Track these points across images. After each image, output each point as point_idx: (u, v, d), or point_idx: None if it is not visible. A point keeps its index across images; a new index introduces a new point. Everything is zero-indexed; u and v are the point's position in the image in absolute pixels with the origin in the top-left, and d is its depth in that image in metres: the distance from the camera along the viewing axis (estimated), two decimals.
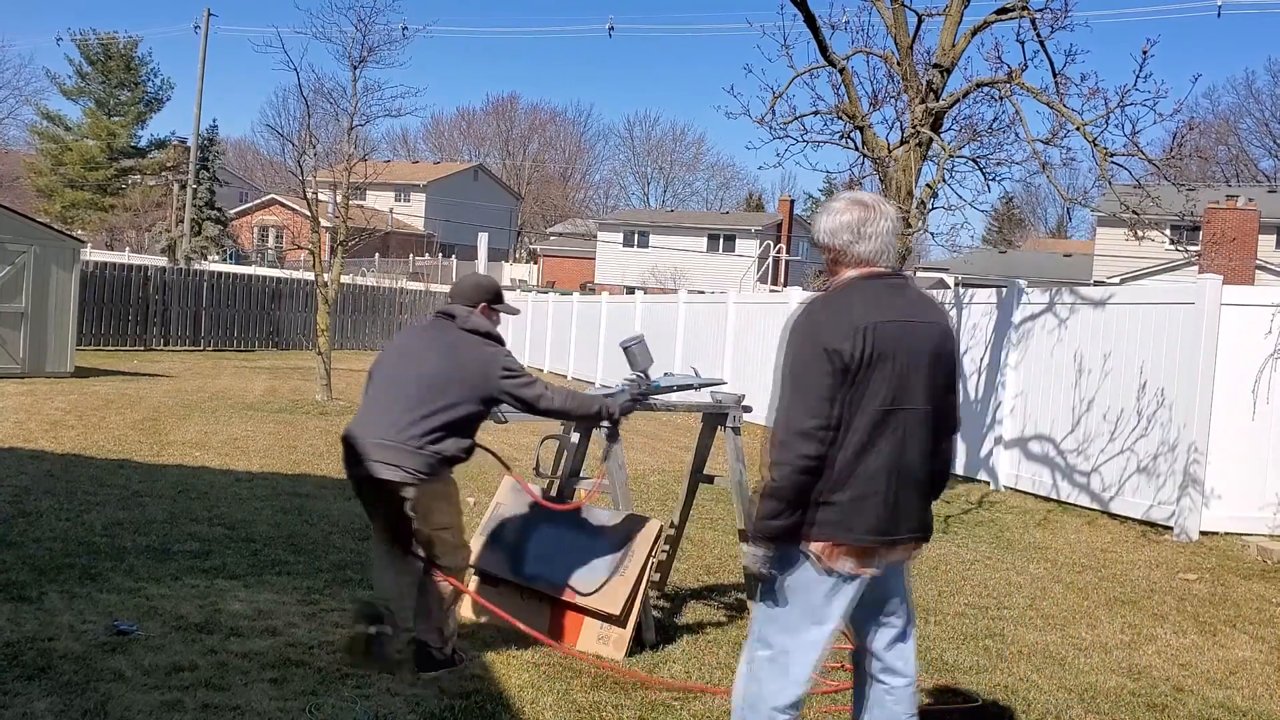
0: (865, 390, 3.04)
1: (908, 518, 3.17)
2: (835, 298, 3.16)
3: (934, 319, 3.22)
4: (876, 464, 3.07)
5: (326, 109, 17.31)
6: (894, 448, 3.08)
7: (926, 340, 3.16)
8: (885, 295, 3.15)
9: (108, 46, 53.01)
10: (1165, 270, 32.72)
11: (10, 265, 15.08)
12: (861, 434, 3.05)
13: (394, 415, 4.26)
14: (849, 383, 3.02)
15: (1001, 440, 10.59)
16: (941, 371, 3.20)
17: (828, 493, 3.06)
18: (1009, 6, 8.95)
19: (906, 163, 9.22)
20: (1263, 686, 4.94)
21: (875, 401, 3.05)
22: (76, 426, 10.63)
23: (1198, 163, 27.17)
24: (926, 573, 6.86)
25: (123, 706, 3.79)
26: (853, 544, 3.07)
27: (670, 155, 75.90)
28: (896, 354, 3.07)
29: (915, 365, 3.11)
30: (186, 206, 38.80)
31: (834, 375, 3.01)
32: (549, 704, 4.11)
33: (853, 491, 3.06)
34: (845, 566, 3.09)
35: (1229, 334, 8.44)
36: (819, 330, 3.07)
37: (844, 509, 3.06)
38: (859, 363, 3.01)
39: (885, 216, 3.22)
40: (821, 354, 3.02)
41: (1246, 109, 58.48)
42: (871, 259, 3.20)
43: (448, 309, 4.50)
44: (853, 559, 3.09)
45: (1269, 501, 8.42)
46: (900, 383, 3.08)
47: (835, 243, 3.23)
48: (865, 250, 3.20)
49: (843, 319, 3.06)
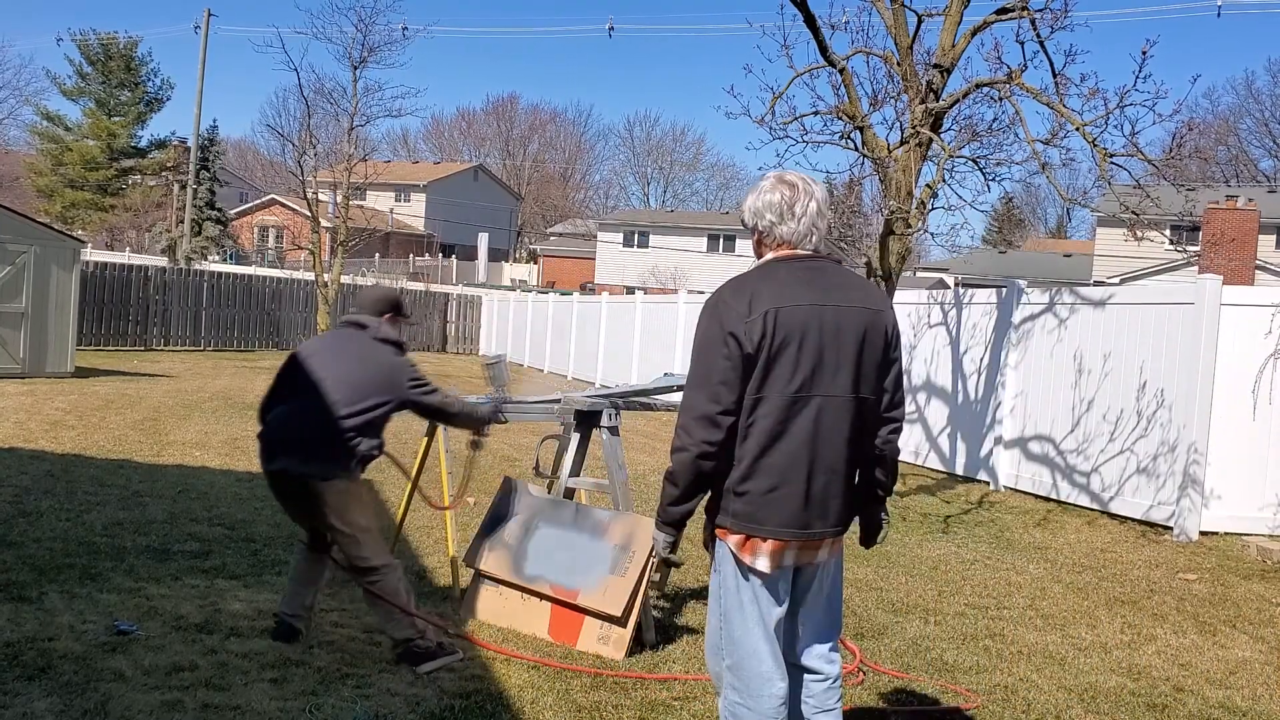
0: (772, 376, 2.94)
1: (827, 512, 3.05)
2: (744, 281, 3.06)
3: (861, 303, 3.07)
4: (789, 453, 2.96)
5: (327, 109, 17.37)
6: (809, 437, 2.97)
7: (849, 325, 3.02)
8: (800, 278, 3.04)
9: (108, 46, 53.01)
10: (1165, 270, 32.74)
11: (10, 265, 15.08)
12: (771, 421, 2.95)
13: (312, 416, 4.45)
14: (752, 368, 2.92)
15: (1001, 440, 10.59)
16: (871, 358, 3.06)
17: (739, 483, 2.98)
18: (1009, 7, 8.95)
19: (906, 163, 9.22)
20: (1262, 686, 4.94)
21: (784, 387, 2.94)
22: (77, 426, 10.63)
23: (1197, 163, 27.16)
24: (926, 573, 6.87)
25: (123, 706, 3.79)
26: (767, 537, 2.99)
27: (670, 155, 75.96)
28: (806, 338, 2.96)
29: (833, 351, 2.99)
30: (187, 206, 38.80)
31: (733, 360, 2.92)
32: (549, 704, 4.12)
33: (765, 482, 2.97)
34: (761, 563, 3.01)
35: (1229, 334, 8.45)
36: (721, 314, 2.98)
37: (756, 500, 2.97)
38: (760, 348, 2.92)
39: (812, 198, 3.11)
40: (723, 338, 2.93)
41: (1246, 109, 58.53)
42: (794, 241, 3.11)
43: (357, 319, 4.75)
44: (769, 554, 3.00)
45: (1269, 502, 8.42)
46: (814, 369, 2.96)
47: (759, 223, 3.13)
48: (788, 231, 3.10)
49: (745, 303, 2.96)
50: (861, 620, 5.59)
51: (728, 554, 3.07)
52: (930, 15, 9.43)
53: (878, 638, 5.29)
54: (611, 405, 5.26)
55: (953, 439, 11.46)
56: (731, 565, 3.06)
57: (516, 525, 5.15)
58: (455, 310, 31.74)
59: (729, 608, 3.09)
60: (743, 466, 2.98)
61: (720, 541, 3.08)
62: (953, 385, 11.56)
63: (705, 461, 2.96)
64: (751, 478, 2.98)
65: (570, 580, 4.83)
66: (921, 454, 11.96)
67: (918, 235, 10.83)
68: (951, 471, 11.34)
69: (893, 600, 6.07)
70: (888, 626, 5.50)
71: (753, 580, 3.04)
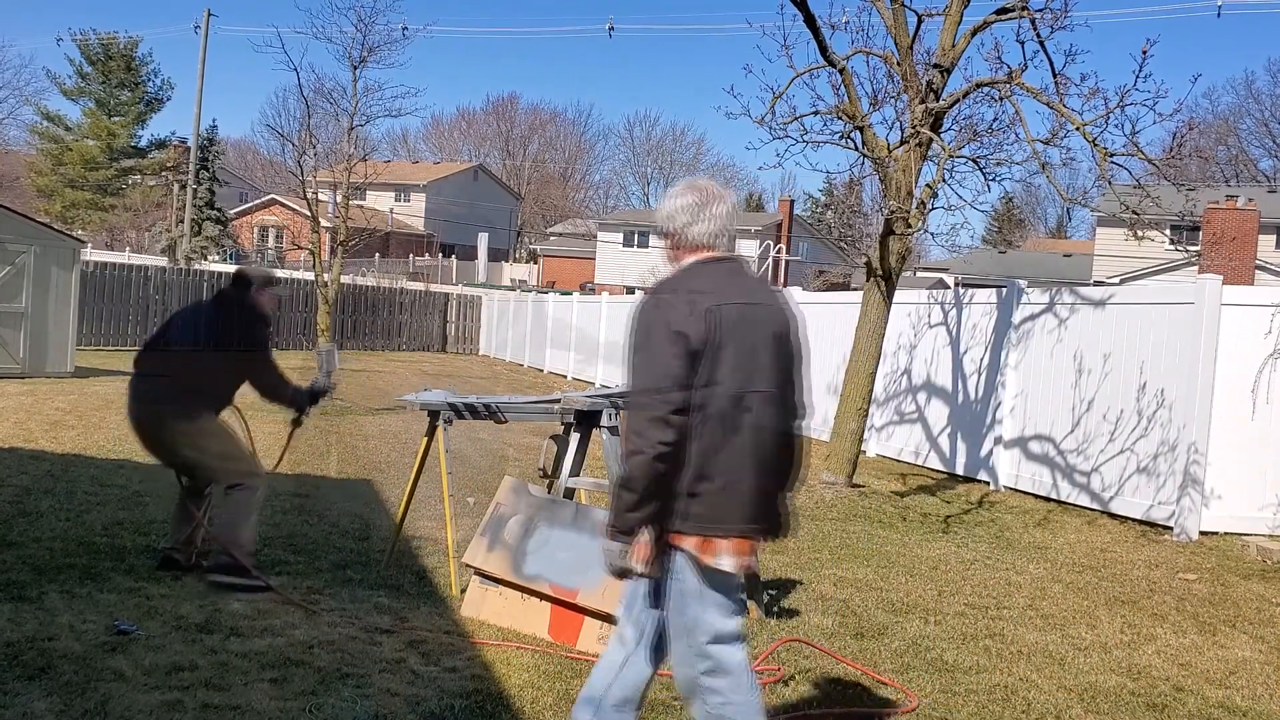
0: (717, 373, 3.00)
1: (771, 507, 3.13)
2: (679, 281, 3.13)
3: (774, 302, 3.21)
4: (739, 449, 3.02)
5: (326, 109, 17.36)
6: (752, 432, 3.04)
7: (769, 323, 3.15)
8: (726, 278, 3.14)
9: (108, 46, 53.00)
10: (1165, 270, 32.74)
11: (10, 265, 15.07)
12: (717, 420, 3.00)
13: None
14: (700, 366, 2.99)
15: (1001, 440, 10.59)
16: (787, 353, 3.19)
17: (693, 483, 2.99)
18: (1009, 6, 8.95)
19: (906, 163, 9.22)
20: (1262, 686, 4.94)
21: (728, 385, 3.01)
22: (77, 426, 10.63)
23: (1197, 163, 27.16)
24: (926, 573, 6.87)
25: (123, 706, 3.79)
26: (726, 535, 3.01)
27: (670, 155, 75.91)
28: (741, 336, 3.05)
29: (761, 348, 3.09)
30: (186, 206, 38.80)
31: (684, 359, 2.97)
32: (549, 704, 4.11)
33: (719, 481, 3.00)
34: (725, 563, 3.02)
35: (1229, 334, 8.45)
36: (666, 314, 3.02)
37: (713, 500, 3.00)
38: (706, 345, 2.98)
39: (722, 201, 3.22)
40: (671, 337, 2.98)
41: (1246, 109, 58.56)
42: (708, 242, 3.20)
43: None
44: (731, 552, 3.02)
45: (1269, 501, 8.42)
46: (750, 365, 3.05)
47: (673, 226, 3.23)
48: (701, 233, 3.20)
49: (687, 302, 3.03)
50: (862, 620, 5.59)
51: (686, 560, 3.05)
52: (930, 15, 9.43)
53: (878, 638, 5.29)
54: (611, 405, 5.26)
55: (953, 439, 11.46)
56: (692, 570, 3.05)
57: (516, 525, 5.15)
58: (455, 310, 31.73)
59: (695, 615, 3.07)
60: (695, 466, 2.99)
61: (676, 549, 3.05)
62: (953, 385, 11.56)
63: (661, 463, 2.95)
64: (705, 478, 3.00)
65: (570, 580, 4.83)
66: (922, 454, 11.95)
67: (918, 235, 10.84)
68: (952, 471, 11.34)
69: (893, 600, 6.07)
70: (888, 627, 5.50)
71: (715, 580, 3.05)
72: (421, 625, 4.95)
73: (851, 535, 7.97)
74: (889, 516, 8.88)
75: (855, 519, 8.67)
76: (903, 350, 12.48)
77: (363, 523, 7.15)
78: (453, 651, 4.62)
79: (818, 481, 9.80)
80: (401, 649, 4.61)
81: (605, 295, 24.64)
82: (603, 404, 5.22)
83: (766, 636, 5.12)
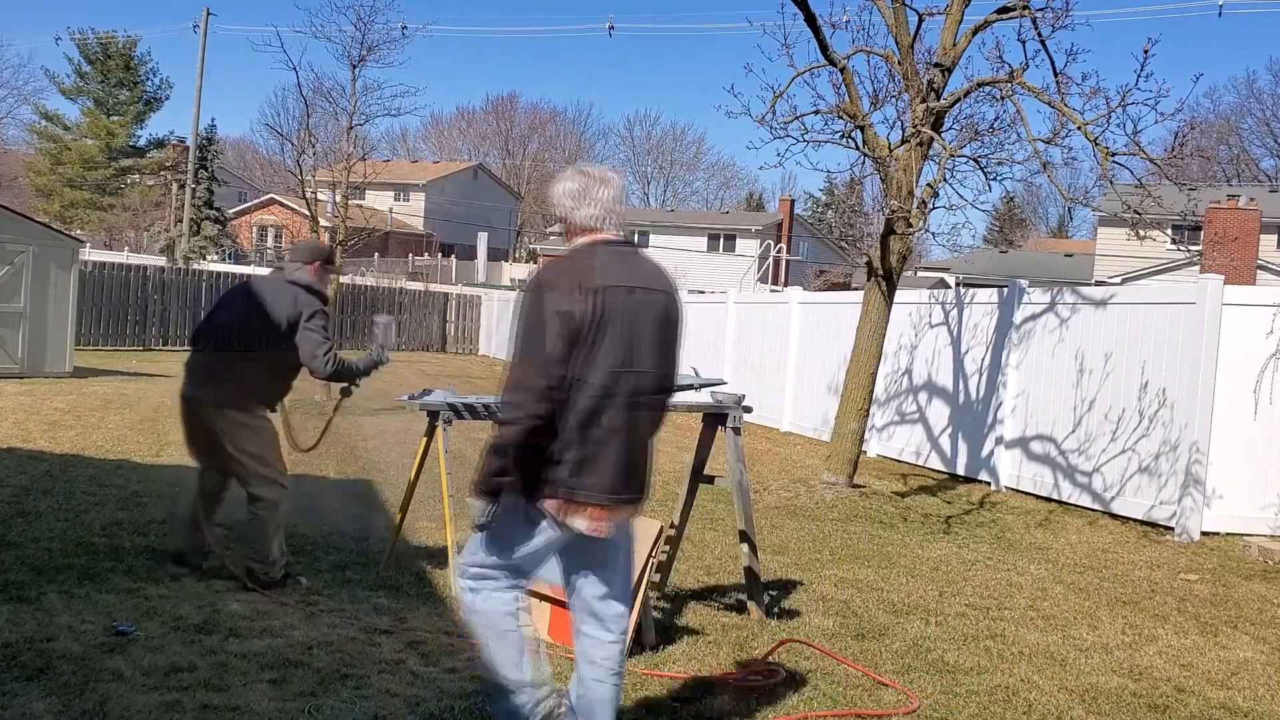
0: (597, 352, 3.16)
1: (636, 478, 3.32)
2: (567, 261, 3.29)
3: (660, 287, 3.37)
4: (608, 424, 3.19)
5: (326, 108, 17.32)
6: (623, 410, 3.21)
7: (654, 306, 3.31)
8: (615, 260, 3.30)
9: (106, 46, 52.94)
10: (1167, 270, 32.74)
11: (9, 265, 15.05)
12: (593, 394, 3.17)
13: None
14: (580, 344, 3.14)
15: (1002, 440, 10.58)
16: (668, 337, 3.35)
17: (560, 451, 3.18)
18: (1010, 6, 8.93)
19: (907, 162, 9.21)
20: (1264, 687, 4.92)
21: (607, 363, 3.17)
22: (75, 427, 10.61)
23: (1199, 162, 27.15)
24: (927, 573, 6.85)
25: (122, 707, 3.77)
26: (585, 501, 3.19)
27: (670, 155, 75.96)
28: (624, 317, 3.21)
29: (643, 329, 3.26)
30: (185, 206, 38.78)
31: (565, 337, 3.13)
32: None
33: (585, 450, 3.18)
34: (579, 524, 3.22)
35: (1230, 334, 8.43)
36: (552, 292, 3.19)
37: (576, 467, 3.18)
38: (589, 324, 3.14)
39: (607, 184, 3.38)
40: (554, 316, 3.14)
41: (1248, 108, 58.52)
42: (595, 225, 3.36)
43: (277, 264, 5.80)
44: (585, 516, 3.21)
45: (1270, 502, 8.40)
46: (630, 345, 3.22)
47: (561, 210, 3.40)
48: (587, 215, 3.36)
49: (574, 282, 3.18)
50: (862, 621, 5.57)
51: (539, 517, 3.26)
52: (931, 14, 9.41)
53: (879, 638, 5.27)
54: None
55: (954, 439, 11.44)
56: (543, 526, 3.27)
57: None
58: (455, 310, 31.71)
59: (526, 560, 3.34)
60: (566, 437, 3.19)
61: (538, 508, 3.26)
62: (954, 385, 11.54)
63: (532, 434, 3.15)
64: (573, 447, 3.18)
65: None
66: (923, 454, 11.94)
67: (919, 234, 10.82)
68: (953, 472, 11.32)
69: (894, 601, 6.06)
70: (889, 627, 5.48)
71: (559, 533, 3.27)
72: (421, 626, 4.93)
73: (852, 536, 7.95)
74: (890, 517, 8.87)
75: (856, 519, 8.65)
76: (903, 350, 12.46)
77: (362, 523, 7.13)
78: (452, 652, 4.60)
79: (818, 482, 9.78)
80: (401, 650, 4.60)
81: None
82: None
83: (767, 637, 5.11)
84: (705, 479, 5.72)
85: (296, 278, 5.39)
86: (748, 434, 5.61)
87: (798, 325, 14.57)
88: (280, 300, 5.30)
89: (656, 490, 9.35)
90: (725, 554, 6.85)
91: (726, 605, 5.68)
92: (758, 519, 7.19)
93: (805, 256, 51.68)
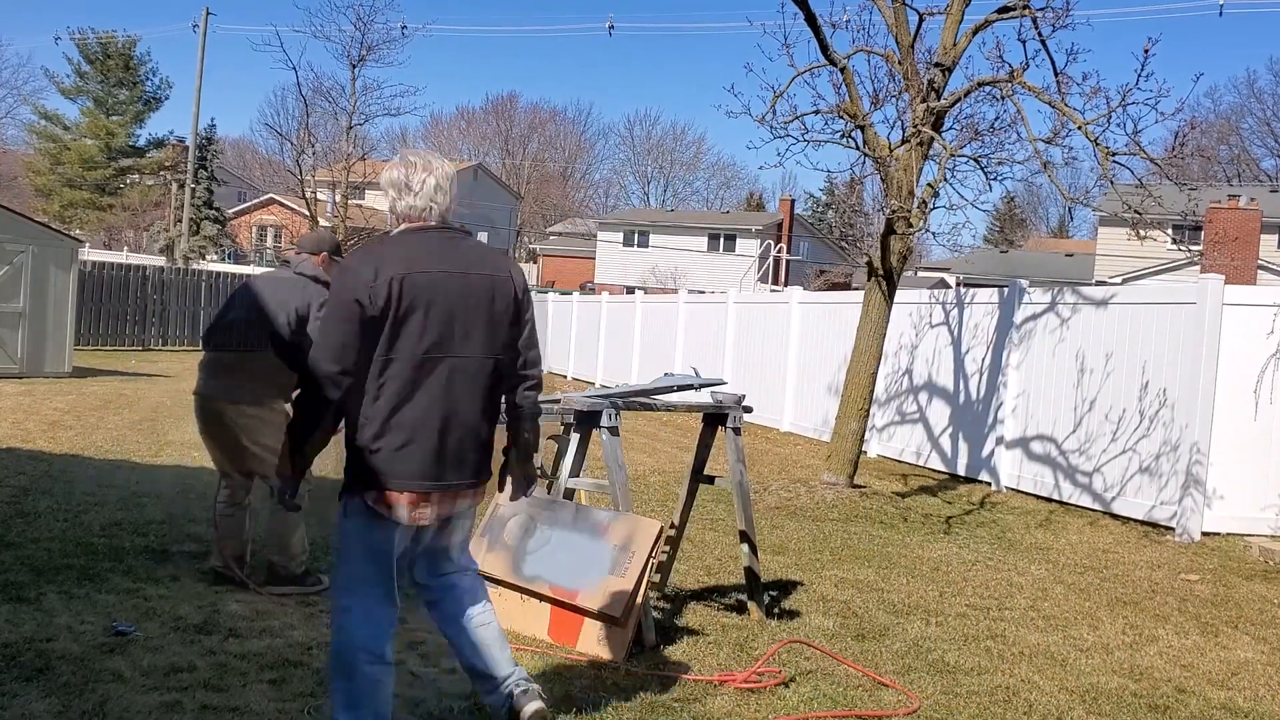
0: (400, 340, 3.18)
1: (461, 465, 3.33)
2: (374, 249, 3.32)
3: (489, 271, 3.38)
4: (420, 411, 3.21)
5: (325, 108, 17.36)
6: (440, 395, 3.23)
7: (478, 291, 3.32)
8: (428, 247, 3.31)
9: (106, 45, 52.94)
10: (1167, 270, 32.74)
11: (8, 265, 15.05)
12: (400, 383, 3.19)
13: None
14: (378, 331, 3.17)
15: (1003, 441, 10.57)
16: (501, 322, 3.37)
17: (372, 440, 3.21)
18: (1010, 5, 8.93)
19: (908, 162, 9.20)
20: (1265, 687, 4.92)
21: (413, 350, 3.19)
22: (75, 427, 10.60)
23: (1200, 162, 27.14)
24: (927, 574, 6.85)
25: (121, 707, 3.77)
26: (402, 490, 3.22)
27: (670, 154, 75.93)
28: (434, 304, 3.22)
29: (462, 316, 3.27)
30: (185, 206, 38.77)
31: (354, 323, 3.16)
32: (549, 704, 4.08)
33: (397, 439, 3.21)
34: (399, 514, 3.24)
35: (1231, 334, 8.43)
36: (347, 280, 3.23)
37: (390, 456, 3.21)
38: (385, 313, 3.15)
39: (430, 173, 3.39)
40: (345, 303, 3.17)
41: (1248, 108, 58.53)
42: (415, 214, 3.38)
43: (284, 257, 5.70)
44: (404, 505, 3.25)
45: (1271, 502, 8.40)
46: (442, 333, 3.23)
47: (386, 200, 3.42)
48: (407, 205, 3.38)
49: (372, 270, 3.19)
50: (863, 621, 5.57)
51: (360, 506, 3.29)
52: (931, 14, 9.41)
53: (879, 639, 5.26)
54: (611, 405, 5.24)
55: (954, 439, 11.44)
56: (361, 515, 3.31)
57: (516, 526, 5.13)
58: None
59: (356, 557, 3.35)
60: (375, 425, 3.21)
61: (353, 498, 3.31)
62: (954, 385, 11.54)
63: (322, 418, 3.25)
64: (384, 435, 3.21)
65: (570, 581, 4.81)
66: (923, 454, 11.93)
67: (919, 234, 10.81)
68: (953, 472, 11.32)
69: (894, 601, 6.05)
70: (889, 627, 5.48)
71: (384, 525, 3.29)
72: (420, 626, 4.92)
73: (853, 536, 7.95)
74: (890, 517, 8.86)
75: (856, 520, 8.65)
76: (904, 350, 12.46)
77: None
78: (452, 653, 4.59)
79: (819, 482, 9.78)
80: (400, 650, 4.58)
81: (605, 295, 24.62)
82: (602, 404, 5.20)
83: (767, 638, 5.10)
84: (705, 479, 5.72)
85: (304, 269, 5.41)
86: (748, 434, 5.60)
87: (798, 325, 14.57)
88: (290, 293, 5.30)
89: (657, 490, 9.39)
90: (725, 554, 6.85)
91: (726, 605, 5.68)
92: (758, 519, 7.18)
93: (805, 256, 51.67)
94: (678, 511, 5.84)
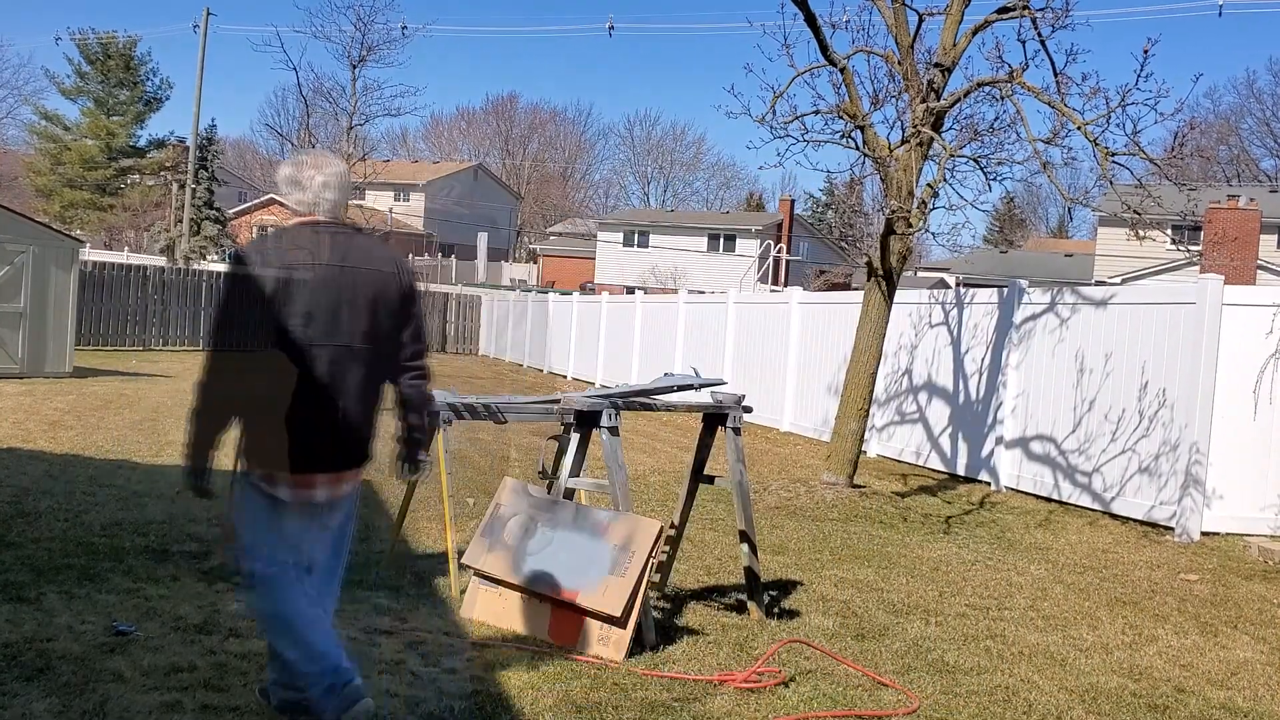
0: (284, 330, 3.33)
1: (345, 449, 3.50)
2: (263, 242, 3.49)
3: (375, 266, 3.52)
4: (306, 398, 3.36)
5: (326, 108, 17.37)
6: (324, 383, 3.38)
7: (363, 285, 3.46)
8: (319, 241, 3.45)
9: (107, 46, 52.94)
10: (1167, 270, 32.74)
11: (9, 265, 15.06)
12: (287, 370, 3.34)
13: None
14: (269, 319, 3.31)
15: (1003, 441, 10.58)
16: (385, 314, 3.51)
17: (262, 423, 3.37)
18: (1010, 6, 8.93)
19: (907, 162, 9.21)
20: (1264, 687, 4.92)
21: (300, 339, 3.34)
22: (75, 427, 10.61)
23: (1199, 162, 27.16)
24: (927, 573, 6.85)
25: (121, 707, 3.77)
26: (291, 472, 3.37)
27: (670, 155, 75.96)
28: (319, 295, 3.37)
29: (347, 307, 3.42)
30: (185, 206, 38.77)
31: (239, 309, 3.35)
32: (549, 705, 4.09)
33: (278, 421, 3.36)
34: (283, 492, 3.42)
35: (1230, 334, 8.43)
36: (240, 270, 3.40)
37: (279, 439, 3.36)
38: (272, 303, 3.30)
39: (320, 170, 3.54)
40: (234, 295, 3.37)
41: (1248, 109, 58.55)
42: (306, 210, 3.53)
43: None
44: (292, 486, 3.42)
45: (1270, 502, 8.40)
46: (327, 322, 3.38)
47: (280, 195, 3.63)
48: (300, 200, 3.53)
49: (262, 261, 3.36)
50: (863, 621, 5.57)
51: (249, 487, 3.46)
52: (931, 14, 9.42)
53: (879, 639, 5.27)
54: (611, 405, 5.24)
55: (954, 439, 11.44)
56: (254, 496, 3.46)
57: (516, 526, 5.14)
58: (455, 310, 31.71)
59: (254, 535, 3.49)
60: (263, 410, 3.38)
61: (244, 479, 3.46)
62: (954, 385, 11.54)
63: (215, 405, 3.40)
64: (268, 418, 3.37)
65: (570, 581, 4.81)
66: (923, 454, 11.94)
67: (919, 235, 10.82)
68: (953, 472, 11.32)
69: (894, 601, 6.06)
70: (889, 627, 5.48)
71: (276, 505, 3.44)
72: (421, 626, 4.93)
73: (852, 536, 7.95)
74: (890, 517, 8.87)
75: (856, 519, 8.65)
76: (903, 350, 12.46)
77: (362, 523, 7.12)
78: (452, 653, 4.60)
79: (818, 482, 9.78)
80: (401, 650, 4.60)
81: (605, 295, 24.62)
82: (602, 404, 5.20)
83: (767, 638, 5.11)
84: (705, 479, 5.72)
85: None
86: (748, 434, 5.60)
87: (798, 325, 14.57)
88: None
89: (657, 490, 9.40)
90: (725, 554, 6.85)
91: (726, 605, 5.68)
92: (758, 519, 7.19)
93: (805, 256, 51.66)
94: (678, 511, 5.85)
